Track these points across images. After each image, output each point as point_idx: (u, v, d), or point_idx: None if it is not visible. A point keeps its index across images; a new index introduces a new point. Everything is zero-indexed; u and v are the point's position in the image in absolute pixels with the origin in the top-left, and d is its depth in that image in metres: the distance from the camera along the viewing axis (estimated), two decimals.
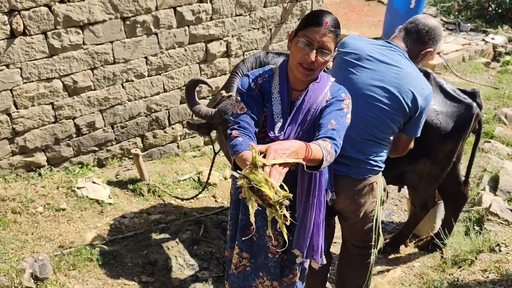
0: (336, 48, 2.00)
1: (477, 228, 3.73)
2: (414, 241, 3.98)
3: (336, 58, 2.55)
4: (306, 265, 2.43)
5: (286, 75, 2.07)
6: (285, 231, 1.63)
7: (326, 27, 1.89)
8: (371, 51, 2.44)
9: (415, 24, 2.51)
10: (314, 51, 1.91)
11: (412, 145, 2.64)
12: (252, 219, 1.59)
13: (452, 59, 7.86)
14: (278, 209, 1.58)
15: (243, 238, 2.29)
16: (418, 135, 2.56)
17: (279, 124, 2.04)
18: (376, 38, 8.23)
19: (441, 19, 9.34)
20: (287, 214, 1.58)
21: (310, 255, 2.27)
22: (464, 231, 3.90)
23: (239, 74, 3.32)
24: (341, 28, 2.01)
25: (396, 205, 4.55)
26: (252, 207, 1.59)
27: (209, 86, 3.31)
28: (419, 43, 2.51)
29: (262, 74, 2.11)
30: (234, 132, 1.93)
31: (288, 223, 1.60)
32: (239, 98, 2.07)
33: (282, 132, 2.03)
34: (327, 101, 2.06)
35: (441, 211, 3.85)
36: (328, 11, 1.99)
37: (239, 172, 1.64)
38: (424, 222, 3.82)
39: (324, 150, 1.80)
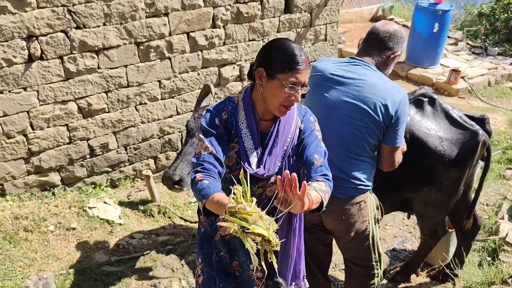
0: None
1: (489, 258, 3.58)
2: (426, 270, 3.86)
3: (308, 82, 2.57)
4: None
5: (251, 108, 1.98)
6: (275, 260, 1.58)
7: (307, 66, 1.86)
8: (335, 70, 2.44)
9: (375, 33, 2.46)
10: (300, 90, 1.87)
11: (399, 158, 2.52)
12: (256, 260, 1.54)
13: (477, 83, 7.70)
14: (272, 240, 1.51)
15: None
16: (400, 144, 2.46)
17: (254, 159, 1.98)
18: (399, 62, 8.19)
19: (467, 43, 9.20)
20: (278, 243, 1.52)
21: (294, 281, 2.24)
22: (479, 262, 3.75)
23: None
24: None
25: (410, 232, 4.42)
26: (252, 248, 1.51)
27: (212, 93, 3.38)
28: (384, 50, 2.46)
29: (225, 108, 2.00)
30: (198, 176, 1.80)
31: (278, 248, 1.53)
32: (202, 136, 1.93)
33: (261, 167, 1.98)
34: (300, 129, 2.05)
35: (454, 240, 3.72)
36: (294, 43, 1.90)
37: (225, 218, 1.54)
38: (436, 250, 3.70)
39: (320, 192, 1.79)
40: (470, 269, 3.57)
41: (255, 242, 1.51)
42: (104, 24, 3.85)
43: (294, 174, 1.55)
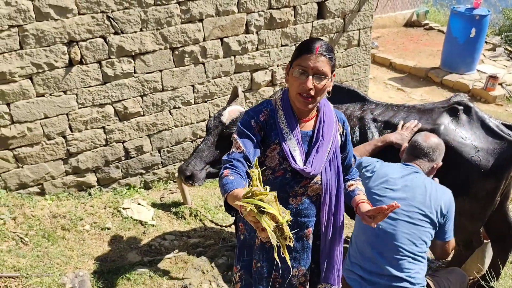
0: (334, 73, 2.02)
1: None
2: None
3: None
4: None
5: (290, 108, 2.05)
6: (288, 256, 1.59)
7: (318, 52, 1.91)
8: (391, 172, 2.62)
9: (420, 148, 2.65)
10: (310, 77, 1.91)
11: (453, 246, 2.64)
12: (274, 237, 1.52)
13: None
14: (285, 229, 1.53)
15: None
16: (450, 238, 2.56)
17: (299, 157, 2.03)
18: (434, 68, 8.04)
19: (506, 49, 8.96)
20: (291, 236, 1.55)
21: (338, 282, 2.28)
22: None
23: None
24: (397, 58, 2.00)
25: None
26: (269, 226, 1.51)
27: (239, 95, 3.42)
28: (430, 162, 2.65)
29: (263, 110, 2.06)
30: (226, 172, 1.83)
31: (292, 244, 1.56)
32: (237, 136, 2.00)
33: (308, 165, 2.03)
34: (342, 133, 2.17)
35: (490, 251, 3.62)
36: (319, 38, 2.01)
37: (242, 201, 1.56)
38: (471, 262, 3.62)
39: (363, 193, 2.21)
40: (507, 282, 3.48)
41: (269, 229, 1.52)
42: (140, 30, 3.95)
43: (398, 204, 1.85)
